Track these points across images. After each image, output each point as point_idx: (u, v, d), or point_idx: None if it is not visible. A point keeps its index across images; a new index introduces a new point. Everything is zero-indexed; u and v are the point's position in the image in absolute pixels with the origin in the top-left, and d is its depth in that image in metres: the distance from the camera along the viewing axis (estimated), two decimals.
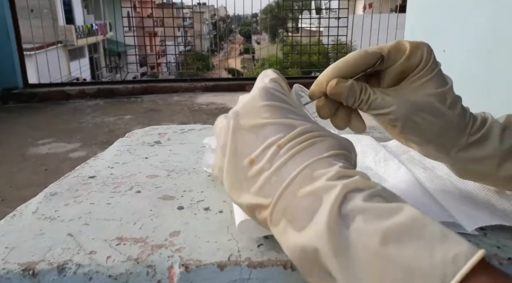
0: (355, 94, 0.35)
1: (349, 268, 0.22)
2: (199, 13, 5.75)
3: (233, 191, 0.29)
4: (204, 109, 3.03)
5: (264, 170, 0.27)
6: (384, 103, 0.35)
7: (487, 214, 0.36)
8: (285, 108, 0.31)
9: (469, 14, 1.57)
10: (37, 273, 0.30)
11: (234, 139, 0.29)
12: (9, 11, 3.28)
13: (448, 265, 0.20)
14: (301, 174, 0.26)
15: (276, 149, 0.28)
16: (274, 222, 0.27)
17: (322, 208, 0.24)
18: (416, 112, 0.35)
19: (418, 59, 0.35)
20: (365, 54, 0.35)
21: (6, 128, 2.64)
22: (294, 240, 0.25)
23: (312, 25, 4.79)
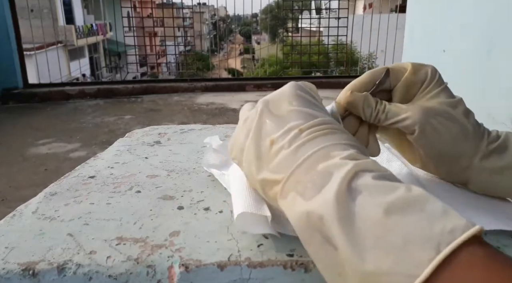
0: (371, 105, 0.37)
1: (351, 234, 0.23)
2: (199, 13, 5.75)
3: (251, 168, 0.31)
4: (204, 109, 3.03)
5: (283, 149, 0.29)
6: (401, 110, 0.36)
7: (491, 218, 0.36)
8: (312, 102, 0.33)
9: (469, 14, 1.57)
10: (37, 273, 0.30)
11: (260, 122, 0.32)
12: (9, 11, 3.28)
13: (445, 235, 0.21)
14: (317, 153, 0.28)
15: (297, 132, 0.29)
16: (284, 195, 0.28)
17: (331, 181, 0.25)
18: (433, 116, 0.36)
19: (423, 75, 0.38)
20: (373, 70, 0.39)
21: (6, 128, 2.64)
22: (300, 208, 0.26)
23: (312, 25, 4.79)
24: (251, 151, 0.31)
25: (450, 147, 0.36)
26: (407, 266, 0.20)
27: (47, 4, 4.90)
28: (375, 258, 0.21)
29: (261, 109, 0.32)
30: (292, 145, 0.29)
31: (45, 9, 5.04)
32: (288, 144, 0.29)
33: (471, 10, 1.57)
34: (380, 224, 0.22)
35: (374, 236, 0.22)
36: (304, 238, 0.26)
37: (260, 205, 0.35)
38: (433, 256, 0.20)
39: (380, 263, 0.21)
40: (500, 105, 1.26)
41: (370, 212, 0.23)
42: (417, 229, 0.21)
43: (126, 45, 5.43)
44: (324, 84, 3.53)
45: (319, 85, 3.01)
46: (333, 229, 0.23)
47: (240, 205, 0.34)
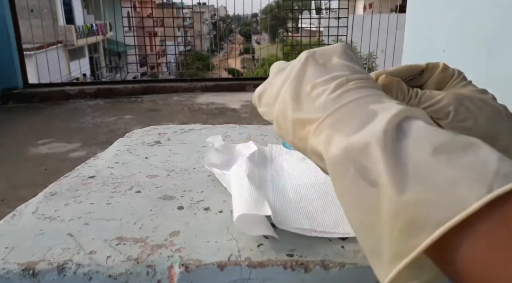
0: (404, 90, 0.37)
1: (395, 168, 0.22)
2: (199, 13, 5.75)
3: (285, 109, 0.30)
4: (204, 109, 3.03)
5: (325, 93, 0.28)
6: (434, 94, 0.37)
7: None
8: (358, 62, 0.32)
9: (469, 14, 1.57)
10: (37, 273, 0.30)
11: (302, 69, 0.31)
12: (9, 11, 3.28)
13: (499, 177, 0.20)
14: (365, 98, 0.27)
15: (343, 80, 0.29)
16: (318, 132, 0.27)
17: (379, 119, 0.24)
18: (466, 98, 0.36)
19: (451, 72, 0.39)
20: (410, 65, 0.39)
21: (6, 128, 2.64)
22: (337, 143, 0.25)
23: (312, 25, 4.79)
24: (288, 93, 0.30)
25: (486, 129, 0.36)
26: (452, 199, 0.19)
27: (47, 4, 4.90)
28: (417, 190, 0.20)
29: (306, 57, 0.31)
30: (337, 90, 0.28)
31: (45, 9, 5.04)
32: (333, 89, 0.28)
33: (471, 10, 1.57)
34: (428, 162, 0.21)
35: (420, 171, 0.21)
36: (336, 174, 0.25)
37: (261, 204, 0.35)
38: (483, 194, 0.19)
39: (421, 194, 0.20)
40: None
41: (419, 149, 0.22)
42: (468, 170, 0.20)
43: (126, 45, 5.42)
44: None
45: None
46: (375, 162, 0.22)
47: (240, 207, 0.34)
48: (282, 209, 0.37)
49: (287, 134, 0.31)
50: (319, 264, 0.30)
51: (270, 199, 0.38)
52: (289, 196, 0.41)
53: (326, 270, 0.30)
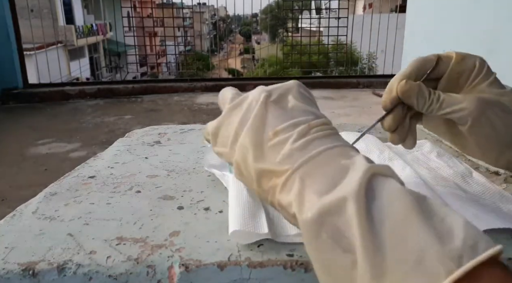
0: (424, 95, 0.36)
1: (369, 234, 0.22)
2: (199, 13, 5.75)
3: (246, 157, 0.30)
4: (204, 109, 3.03)
5: (288, 141, 0.28)
6: (456, 100, 0.35)
7: (494, 216, 0.36)
8: (314, 102, 0.32)
9: (469, 14, 1.57)
10: (37, 273, 0.30)
11: (261, 111, 0.30)
12: (9, 11, 3.28)
13: (467, 249, 0.20)
14: (333, 150, 0.27)
15: (306, 127, 0.28)
16: (287, 188, 0.27)
17: (350, 179, 0.24)
18: (488, 107, 0.35)
19: (471, 65, 0.37)
20: (423, 58, 0.38)
21: (6, 128, 2.63)
22: (311, 204, 0.24)
23: (312, 25, 4.79)
24: (248, 138, 0.29)
25: (504, 138, 0.36)
26: (423, 275, 0.20)
27: (47, 4, 4.90)
28: (394, 266, 0.20)
29: (264, 99, 0.31)
30: (301, 139, 0.28)
31: (45, 9, 5.04)
32: (296, 137, 0.28)
33: (471, 10, 1.57)
34: (398, 229, 0.21)
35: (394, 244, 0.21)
36: (310, 235, 0.24)
37: (258, 219, 0.34)
38: (453, 268, 0.19)
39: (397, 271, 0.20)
40: None
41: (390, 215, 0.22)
42: (437, 240, 0.20)
43: (126, 45, 5.43)
44: (324, 84, 3.53)
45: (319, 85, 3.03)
46: (349, 226, 0.22)
47: (237, 221, 0.33)
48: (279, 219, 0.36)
49: (251, 183, 0.30)
50: None
51: (270, 212, 0.37)
52: None
53: None
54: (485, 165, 0.51)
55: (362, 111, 2.76)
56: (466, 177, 0.46)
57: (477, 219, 0.36)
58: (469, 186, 0.43)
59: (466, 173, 0.47)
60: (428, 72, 0.37)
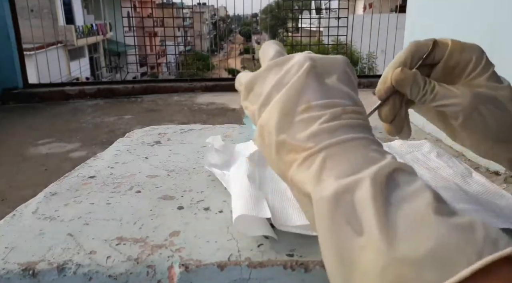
0: (419, 84, 0.35)
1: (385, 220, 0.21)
2: (199, 13, 5.75)
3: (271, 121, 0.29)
4: (204, 109, 3.02)
5: (320, 120, 0.27)
6: (450, 93, 0.35)
7: (494, 216, 0.36)
8: (355, 84, 0.31)
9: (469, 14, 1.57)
10: (37, 273, 0.30)
11: (302, 81, 0.29)
12: (9, 11, 3.27)
13: (488, 243, 0.20)
14: (359, 140, 0.26)
15: (339, 110, 0.28)
16: (306, 165, 0.26)
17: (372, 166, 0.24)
18: (482, 103, 0.34)
19: (468, 55, 0.36)
20: (419, 42, 0.37)
21: (6, 128, 2.63)
22: (326, 184, 0.24)
23: (312, 25, 4.79)
24: (280, 105, 0.28)
25: (495, 134, 0.35)
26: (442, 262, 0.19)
27: (47, 4, 4.90)
28: (407, 247, 0.20)
29: (308, 68, 0.29)
30: (332, 121, 0.27)
31: (45, 9, 5.04)
32: (327, 118, 0.27)
33: (471, 10, 1.57)
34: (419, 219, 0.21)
35: (411, 228, 0.21)
36: (322, 215, 0.24)
37: (261, 206, 0.35)
38: (474, 260, 0.19)
39: (411, 252, 0.20)
40: None
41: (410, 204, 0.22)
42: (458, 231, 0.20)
43: (126, 45, 5.43)
44: None
45: None
46: (365, 209, 0.22)
47: (240, 207, 0.34)
48: (282, 209, 0.37)
49: (269, 152, 0.29)
50: (319, 264, 0.30)
51: (270, 199, 0.38)
52: (289, 196, 0.41)
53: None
54: (485, 165, 0.51)
55: None
56: (466, 177, 0.46)
57: (479, 218, 0.36)
58: (469, 186, 0.43)
59: (466, 173, 0.47)
60: (424, 57, 0.36)
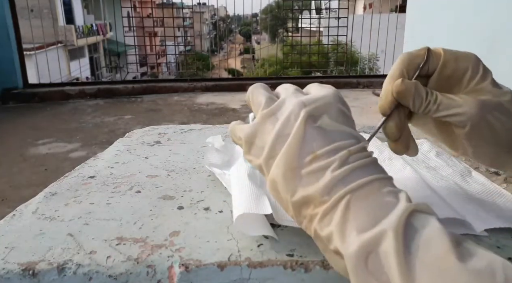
0: (421, 94, 0.34)
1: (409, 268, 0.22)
2: (199, 13, 5.75)
3: (285, 181, 0.29)
4: (204, 109, 3.02)
5: (329, 168, 0.27)
6: (454, 103, 0.34)
7: (494, 216, 0.36)
8: (351, 118, 0.32)
9: (469, 15, 1.57)
10: (37, 273, 0.30)
11: (302, 131, 0.29)
12: (9, 11, 3.27)
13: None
14: (372, 184, 0.27)
15: (345, 153, 0.28)
16: (326, 220, 0.26)
17: (390, 215, 0.24)
18: (489, 111, 0.33)
19: (463, 67, 0.35)
20: (411, 53, 0.36)
21: (6, 128, 2.63)
22: (353, 239, 0.24)
23: (312, 25, 4.79)
24: (285, 159, 0.29)
25: (502, 141, 0.34)
26: None
27: (47, 4, 4.90)
28: None
29: (304, 118, 0.29)
30: (342, 167, 0.27)
31: (45, 9, 5.04)
32: (338, 165, 0.27)
33: (471, 10, 1.57)
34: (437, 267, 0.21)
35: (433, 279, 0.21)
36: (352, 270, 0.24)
37: (262, 202, 0.35)
38: None
39: None
40: None
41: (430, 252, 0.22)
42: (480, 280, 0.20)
43: (126, 45, 5.42)
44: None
45: None
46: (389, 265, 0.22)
47: (241, 206, 0.34)
48: None
49: (286, 206, 0.30)
50: (319, 264, 0.30)
51: (271, 196, 0.38)
52: None
53: (326, 270, 0.30)
54: (485, 165, 0.51)
55: (362, 111, 2.76)
56: (465, 176, 0.46)
57: (477, 218, 0.36)
58: (469, 185, 0.43)
59: (465, 172, 0.47)
60: (421, 66, 0.35)
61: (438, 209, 0.35)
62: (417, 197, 0.39)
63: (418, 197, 0.39)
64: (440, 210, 0.35)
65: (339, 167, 0.27)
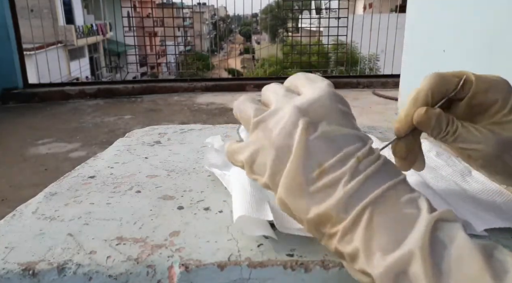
0: (441, 125, 0.33)
1: None
2: (199, 13, 5.75)
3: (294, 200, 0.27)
4: (204, 109, 3.03)
5: (341, 182, 0.26)
6: (472, 137, 0.33)
7: (494, 216, 0.36)
8: (351, 115, 0.30)
9: (469, 14, 1.57)
10: (37, 273, 0.30)
11: (304, 142, 0.27)
12: (9, 11, 3.28)
13: None
14: (388, 194, 0.25)
15: (355, 161, 0.26)
16: (346, 239, 0.25)
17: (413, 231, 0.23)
18: (506, 151, 0.32)
19: (493, 96, 0.33)
20: (443, 77, 0.33)
21: (6, 128, 2.64)
22: (378, 261, 0.23)
23: (312, 25, 4.79)
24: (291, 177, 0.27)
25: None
26: None
27: (47, 4, 4.90)
28: None
29: (305, 127, 0.27)
30: (353, 178, 0.26)
31: (45, 9, 5.04)
32: (349, 177, 0.26)
33: (472, 10, 1.57)
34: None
35: None
36: None
37: (263, 208, 0.35)
38: None
39: None
40: None
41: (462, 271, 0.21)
42: None
43: (126, 45, 5.42)
44: None
45: None
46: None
47: (241, 207, 0.34)
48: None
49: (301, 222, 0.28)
50: (319, 264, 0.30)
51: (271, 201, 0.38)
52: None
53: (326, 270, 0.30)
54: None
55: (362, 111, 2.76)
56: (465, 176, 0.46)
57: (477, 218, 0.36)
58: (469, 185, 0.43)
59: (465, 172, 0.47)
60: (450, 95, 0.33)
61: (438, 209, 0.35)
62: None
63: None
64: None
65: (351, 179, 0.26)
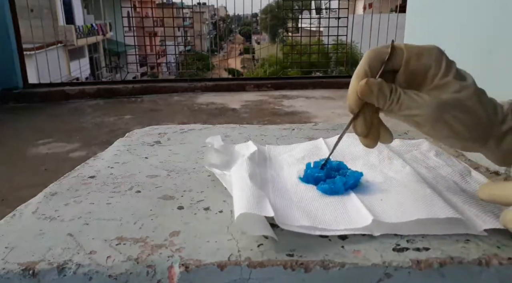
0: (385, 93, 0.35)
1: None
2: (199, 13, 5.75)
3: None
4: (204, 109, 3.02)
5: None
6: (414, 104, 0.34)
7: (494, 216, 0.36)
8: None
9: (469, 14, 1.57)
10: (37, 273, 0.30)
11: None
12: (9, 11, 3.27)
13: None
14: None
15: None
16: None
17: None
18: (447, 111, 0.34)
19: (427, 60, 0.35)
20: (376, 49, 0.36)
21: (6, 128, 2.63)
22: None
23: (312, 25, 4.79)
24: None
25: (463, 136, 0.35)
26: None
27: (47, 4, 4.90)
28: None
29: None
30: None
31: (45, 9, 5.04)
32: None
33: (472, 10, 1.56)
34: None
35: None
36: None
37: (263, 205, 0.35)
38: None
39: None
40: None
41: None
42: None
43: (126, 45, 5.42)
44: (324, 84, 3.52)
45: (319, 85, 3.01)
46: None
47: (242, 205, 0.34)
48: (283, 209, 0.37)
49: None
50: (319, 264, 0.30)
51: (271, 199, 0.38)
52: (290, 195, 0.41)
53: (326, 270, 0.30)
54: (484, 165, 0.51)
55: None
56: (465, 176, 0.46)
57: (477, 218, 0.36)
58: (468, 185, 0.43)
59: (465, 172, 0.47)
60: (386, 60, 0.35)
61: (438, 209, 0.35)
62: (417, 197, 0.39)
63: (418, 197, 0.39)
64: (440, 210, 0.35)
65: None
